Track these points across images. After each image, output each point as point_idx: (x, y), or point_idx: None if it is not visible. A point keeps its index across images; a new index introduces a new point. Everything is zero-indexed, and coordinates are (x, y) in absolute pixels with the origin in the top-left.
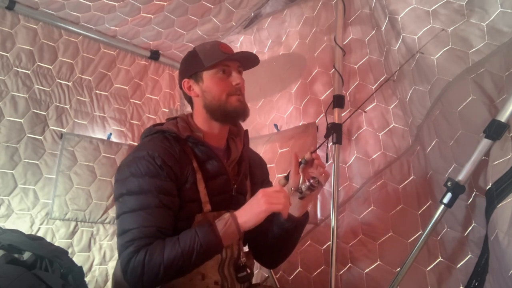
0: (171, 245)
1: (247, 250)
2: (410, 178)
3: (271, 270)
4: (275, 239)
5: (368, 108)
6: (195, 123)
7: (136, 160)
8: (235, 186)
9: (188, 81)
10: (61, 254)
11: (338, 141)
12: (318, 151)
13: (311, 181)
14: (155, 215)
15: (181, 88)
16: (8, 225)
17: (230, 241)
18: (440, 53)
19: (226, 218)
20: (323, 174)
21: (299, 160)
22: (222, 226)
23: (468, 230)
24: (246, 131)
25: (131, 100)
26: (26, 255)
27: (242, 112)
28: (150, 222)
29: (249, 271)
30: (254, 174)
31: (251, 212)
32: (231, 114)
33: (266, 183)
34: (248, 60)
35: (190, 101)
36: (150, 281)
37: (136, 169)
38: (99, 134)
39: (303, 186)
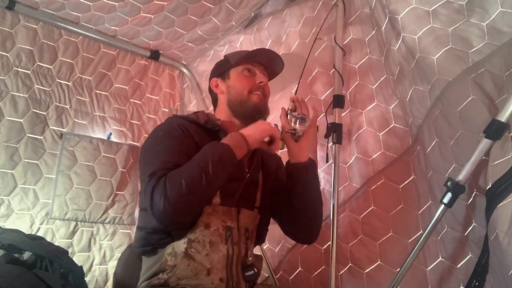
0: (186, 165)
1: (258, 253)
2: (410, 178)
3: (271, 270)
4: (295, 199)
5: (368, 108)
6: (215, 116)
7: (160, 127)
8: (248, 174)
9: (216, 79)
10: (61, 254)
11: (338, 141)
12: (318, 151)
13: (299, 115)
14: (176, 156)
15: (209, 89)
16: (8, 225)
17: (241, 151)
18: (440, 53)
19: (230, 133)
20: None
21: (285, 111)
22: (229, 138)
23: (468, 230)
24: None
25: (131, 100)
26: (26, 255)
27: (262, 110)
28: (171, 159)
29: (256, 270)
30: (266, 166)
31: (255, 128)
32: (251, 111)
33: (281, 168)
34: (273, 61)
35: (214, 100)
36: (176, 202)
37: (161, 132)
38: (99, 134)
39: (293, 122)
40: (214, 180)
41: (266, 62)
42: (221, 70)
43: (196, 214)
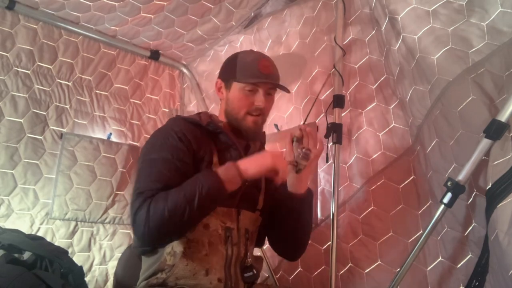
0: (174, 191)
1: (258, 254)
2: (410, 178)
3: (271, 270)
4: (286, 223)
5: (368, 108)
6: (217, 117)
7: (157, 134)
8: (247, 184)
9: (220, 82)
10: (61, 254)
11: (338, 141)
12: None
13: (303, 150)
14: (167, 175)
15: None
16: (8, 225)
17: (233, 186)
18: (440, 53)
19: (227, 165)
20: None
21: (291, 138)
22: (223, 169)
23: (468, 230)
24: (264, 132)
25: (131, 100)
26: (26, 255)
27: (253, 135)
28: (160, 179)
29: (255, 271)
30: None
31: (254, 162)
32: (244, 131)
33: None
34: (276, 88)
35: (220, 99)
36: (156, 227)
37: (157, 140)
38: (99, 134)
39: (296, 156)
40: (197, 214)
41: (270, 85)
42: (226, 75)
43: (176, 238)
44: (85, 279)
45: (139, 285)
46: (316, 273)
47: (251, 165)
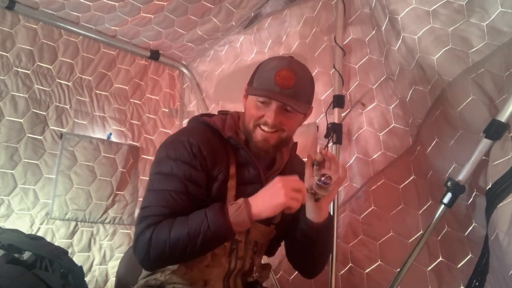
0: (179, 224)
1: (265, 262)
2: (411, 178)
3: (272, 271)
4: (302, 248)
5: (368, 108)
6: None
7: (175, 143)
8: None
9: (246, 88)
10: (61, 254)
11: (338, 141)
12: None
13: (322, 178)
14: (176, 199)
15: None
16: (8, 225)
17: (241, 229)
18: (440, 53)
19: (239, 204)
20: (338, 169)
21: (312, 162)
22: (234, 210)
23: (469, 230)
24: (295, 143)
25: (131, 100)
26: (26, 255)
27: (263, 149)
28: (168, 204)
29: (259, 287)
30: None
31: (268, 203)
32: (254, 146)
33: None
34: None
35: None
36: (156, 258)
37: (173, 151)
38: (99, 134)
39: (314, 185)
40: (199, 252)
41: (281, 102)
42: (249, 81)
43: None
44: (85, 279)
45: (139, 281)
46: None
47: (264, 208)
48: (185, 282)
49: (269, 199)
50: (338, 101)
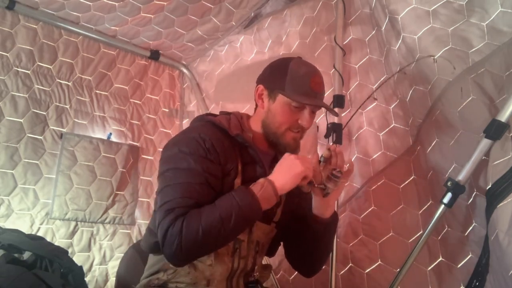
0: (208, 210)
1: (266, 263)
2: (411, 178)
3: (272, 271)
4: (307, 243)
5: (368, 108)
6: (249, 124)
7: (186, 140)
8: None
9: (263, 89)
10: (61, 254)
11: (338, 141)
12: (318, 151)
13: (333, 172)
14: (198, 190)
15: (255, 91)
16: (8, 225)
17: (268, 205)
18: (440, 53)
19: (262, 182)
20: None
21: (319, 158)
22: (259, 189)
23: (469, 230)
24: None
25: (131, 100)
26: (26, 255)
27: (291, 151)
28: (192, 194)
29: (260, 286)
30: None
31: (288, 175)
32: (281, 146)
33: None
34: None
35: (256, 105)
36: (189, 248)
37: (186, 147)
38: (99, 134)
39: (325, 179)
40: (233, 233)
41: (322, 106)
42: (272, 83)
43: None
44: (85, 279)
45: (141, 280)
46: None
47: (286, 180)
48: (188, 282)
49: (287, 170)
50: (338, 101)
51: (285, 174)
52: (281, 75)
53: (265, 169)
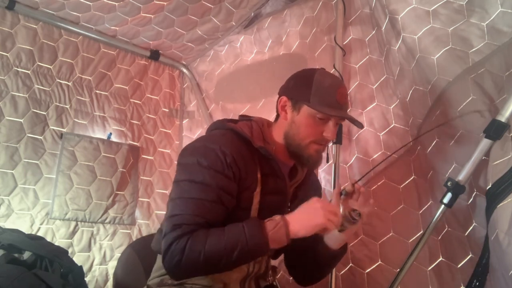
0: (215, 235)
1: (273, 265)
2: (411, 178)
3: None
4: (311, 265)
5: (368, 108)
6: (271, 134)
7: (206, 151)
8: (289, 210)
9: (286, 100)
10: (61, 254)
11: (338, 141)
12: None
13: (352, 213)
14: (209, 208)
15: (277, 102)
16: (8, 225)
17: (277, 245)
18: (440, 53)
19: (277, 221)
20: (367, 206)
21: (340, 191)
22: (272, 227)
23: (469, 230)
24: None
25: (131, 100)
26: (26, 255)
27: (314, 163)
28: (202, 212)
29: None
30: (307, 199)
31: (306, 223)
32: (304, 159)
33: None
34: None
35: (277, 115)
36: (188, 268)
37: (204, 160)
38: (99, 134)
39: (343, 218)
40: (234, 265)
41: (346, 119)
42: (296, 94)
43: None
44: (85, 279)
45: (151, 280)
46: None
47: (302, 227)
48: (205, 283)
49: (307, 218)
50: None
51: (304, 220)
52: (306, 87)
53: (286, 183)
